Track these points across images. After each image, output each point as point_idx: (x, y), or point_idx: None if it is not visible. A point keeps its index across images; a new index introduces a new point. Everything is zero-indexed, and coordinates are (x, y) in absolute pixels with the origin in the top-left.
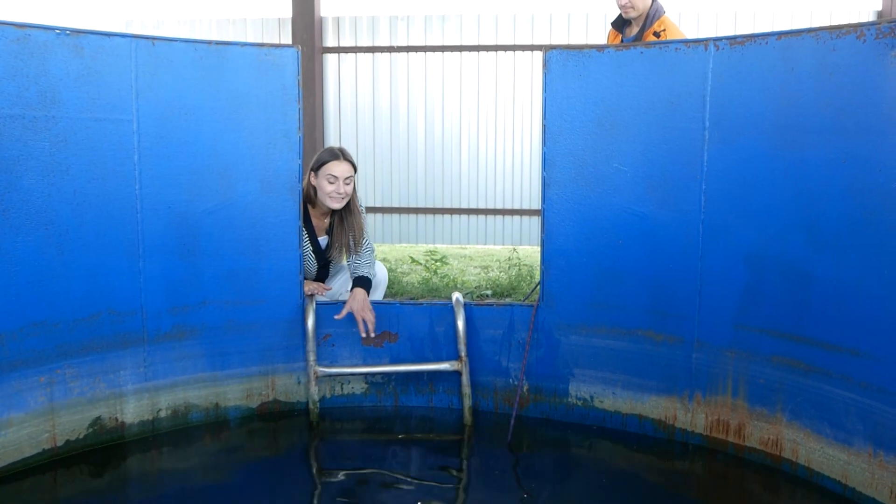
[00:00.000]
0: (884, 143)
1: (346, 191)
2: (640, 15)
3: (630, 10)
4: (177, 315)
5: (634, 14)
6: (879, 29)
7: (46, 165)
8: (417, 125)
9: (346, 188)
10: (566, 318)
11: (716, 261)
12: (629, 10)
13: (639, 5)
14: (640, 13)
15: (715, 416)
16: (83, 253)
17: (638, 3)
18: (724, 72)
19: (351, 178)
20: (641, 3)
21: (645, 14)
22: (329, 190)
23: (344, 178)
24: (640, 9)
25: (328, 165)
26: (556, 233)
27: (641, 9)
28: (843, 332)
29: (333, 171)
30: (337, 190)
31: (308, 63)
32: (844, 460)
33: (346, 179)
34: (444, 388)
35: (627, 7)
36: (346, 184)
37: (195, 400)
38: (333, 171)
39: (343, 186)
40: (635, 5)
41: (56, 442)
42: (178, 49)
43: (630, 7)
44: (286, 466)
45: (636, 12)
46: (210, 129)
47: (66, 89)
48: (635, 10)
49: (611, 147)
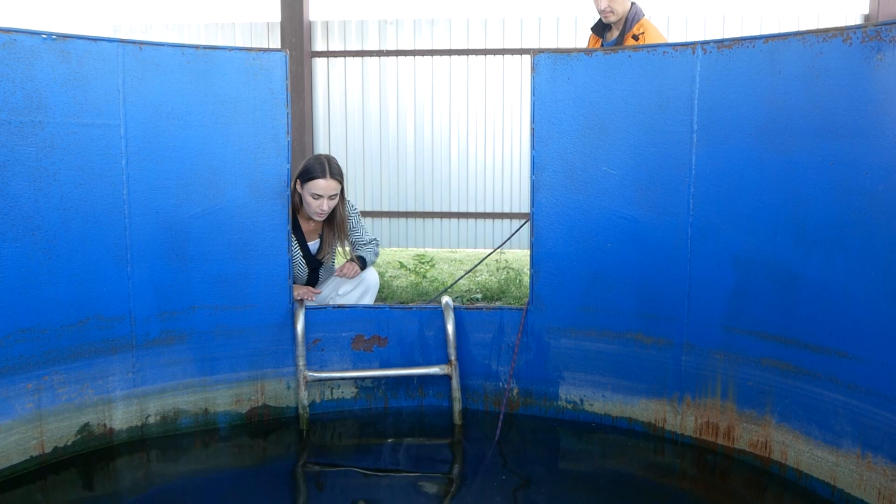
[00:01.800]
0: (870, 146)
1: (330, 206)
2: (619, 19)
3: (610, 15)
4: (165, 320)
5: (614, 18)
6: (865, 32)
7: (33, 171)
8: (407, 129)
9: (331, 203)
10: (556, 322)
11: (704, 263)
12: (609, 14)
13: (618, 10)
14: (619, 17)
15: (704, 419)
16: (71, 258)
17: (617, 7)
18: (711, 75)
19: (336, 195)
20: (621, 7)
21: (624, 18)
22: (313, 205)
23: (329, 196)
24: (620, 13)
25: (314, 183)
26: (546, 236)
27: (621, 13)
28: (831, 333)
29: (318, 189)
30: (320, 206)
31: (297, 67)
32: (833, 462)
33: (330, 197)
34: (434, 392)
35: (607, 12)
36: (330, 200)
37: (184, 405)
38: (318, 190)
39: (327, 203)
40: (615, 10)
41: (44, 449)
42: (166, 53)
43: (610, 12)
44: (276, 472)
45: (616, 17)
46: (198, 134)
47: (52, 94)
48: (615, 15)
49: (599, 150)
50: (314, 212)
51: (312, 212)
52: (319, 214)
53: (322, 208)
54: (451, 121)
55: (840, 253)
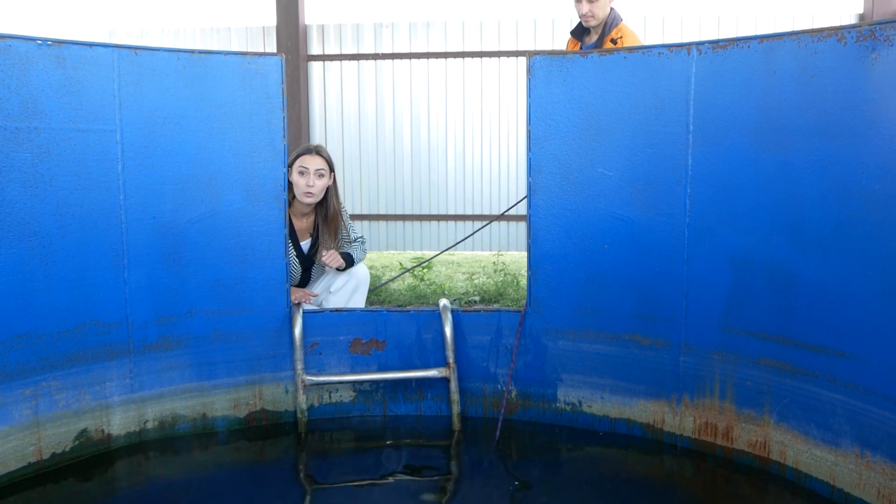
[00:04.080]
0: (866, 146)
1: (317, 185)
2: (599, 23)
3: (591, 19)
4: (163, 325)
5: (595, 23)
6: (860, 32)
7: (29, 177)
8: (403, 132)
9: (318, 182)
10: (553, 324)
11: (701, 264)
12: (590, 18)
13: (599, 14)
14: (599, 22)
15: (703, 419)
16: (67, 264)
17: (598, 12)
18: (707, 75)
19: (324, 172)
20: (601, 11)
21: (604, 22)
22: (300, 183)
23: (315, 170)
24: (601, 17)
25: (301, 158)
26: (543, 238)
27: (601, 17)
28: (829, 333)
29: (304, 163)
30: (308, 182)
31: (293, 71)
32: (832, 461)
33: (317, 171)
34: (433, 395)
35: (588, 16)
36: (317, 176)
37: (182, 410)
38: (304, 164)
39: (314, 179)
40: (595, 14)
41: (42, 455)
42: (161, 58)
43: (591, 16)
44: (275, 476)
45: (596, 21)
46: (194, 139)
47: (48, 100)
48: (595, 19)
49: (596, 152)
50: (303, 191)
51: (301, 192)
52: (308, 194)
53: (309, 184)
54: (447, 123)
55: (837, 252)
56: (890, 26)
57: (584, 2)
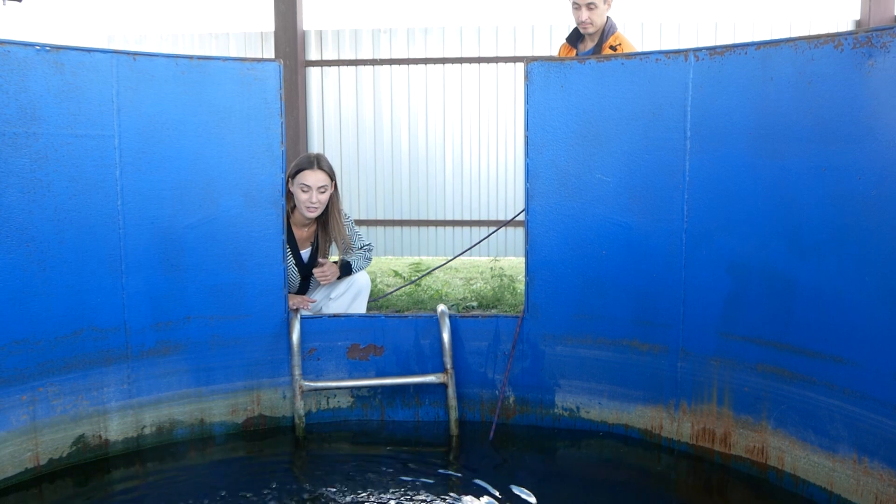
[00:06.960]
0: (862, 151)
1: (319, 199)
2: (596, 31)
3: (589, 27)
4: (160, 331)
5: (592, 30)
6: (856, 38)
7: (27, 182)
8: (401, 138)
9: (321, 197)
10: (551, 329)
11: (699, 270)
12: (588, 25)
13: (597, 22)
14: (597, 29)
15: (701, 425)
16: (65, 269)
17: (597, 19)
18: (704, 82)
19: (326, 187)
20: (599, 19)
21: (601, 30)
22: (303, 199)
23: (317, 188)
24: (598, 25)
25: (302, 174)
26: (541, 244)
27: (599, 25)
28: (826, 339)
29: (307, 180)
30: (310, 199)
31: (291, 76)
32: (830, 467)
33: (319, 188)
34: (431, 401)
35: (587, 23)
36: (319, 192)
37: (180, 416)
38: (307, 181)
39: (316, 195)
40: (594, 21)
41: (39, 461)
42: (160, 64)
43: (589, 23)
44: (273, 482)
45: (594, 28)
46: (192, 144)
47: (46, 105)
48: (594, 27)
49: (593, 158)
50: (305, 207)
51: (303, 207)
52: (310, 209)
53: (312, 201)
54: (445, 129)
55: (834, 258)
56: (886, 33)
57: (584, 9)
